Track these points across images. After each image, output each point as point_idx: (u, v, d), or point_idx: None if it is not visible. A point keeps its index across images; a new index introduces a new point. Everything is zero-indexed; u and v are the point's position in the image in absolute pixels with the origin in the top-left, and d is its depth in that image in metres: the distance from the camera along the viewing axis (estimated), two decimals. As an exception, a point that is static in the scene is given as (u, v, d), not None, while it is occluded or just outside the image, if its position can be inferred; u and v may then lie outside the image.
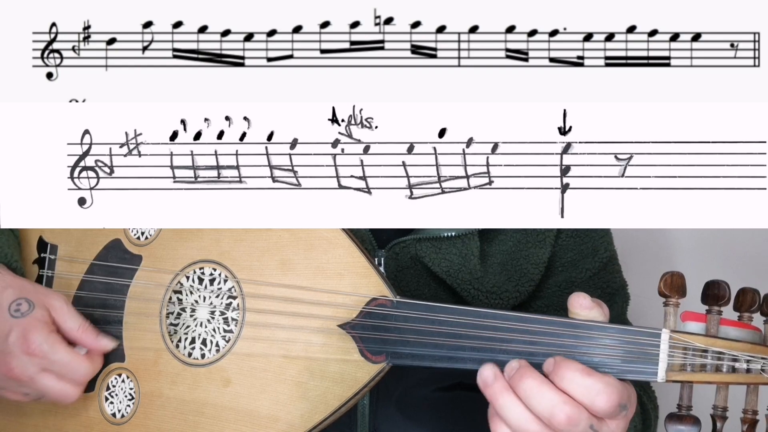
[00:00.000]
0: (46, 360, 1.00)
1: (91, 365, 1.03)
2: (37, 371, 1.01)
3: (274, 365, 0.99)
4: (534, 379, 0.85)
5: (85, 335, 1.04)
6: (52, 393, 1.02)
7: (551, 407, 0.84)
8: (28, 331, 1.00)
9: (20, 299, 1.02)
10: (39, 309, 1.02)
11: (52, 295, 1.04)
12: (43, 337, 1.00)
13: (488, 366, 0.88)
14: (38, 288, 1.06)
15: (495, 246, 1.15)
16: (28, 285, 1.05)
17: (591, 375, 0.85)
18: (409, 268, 1.12)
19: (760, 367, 0.85)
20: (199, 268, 1.05)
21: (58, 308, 1.03)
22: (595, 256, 1.19)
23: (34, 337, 1.00)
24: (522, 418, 0.86)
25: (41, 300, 1.03)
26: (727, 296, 0.87)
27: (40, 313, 1.02)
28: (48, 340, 1.00)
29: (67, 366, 1.01)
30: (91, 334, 1.04)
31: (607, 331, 0.88)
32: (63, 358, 1.01)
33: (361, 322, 0.96)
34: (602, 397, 0.84)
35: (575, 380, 0.85)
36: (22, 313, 1.01)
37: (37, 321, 1.01)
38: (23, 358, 1.00)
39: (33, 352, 1.00)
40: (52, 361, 1.00)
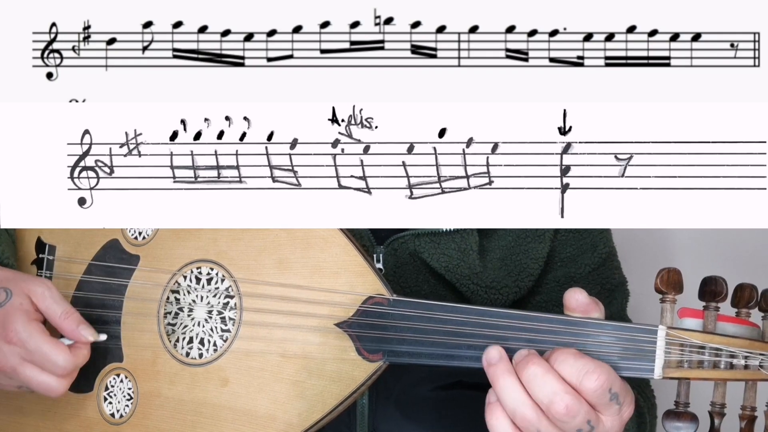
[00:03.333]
0: (24, 349, 0.98)
1: (72, 357, 0.99)
2: (19, 361, 0.99)
3: (272, 364, 0.99)
4: (540, 366, 0.86)
5: (67, 323, 1.01)
6: (34, 385, 0.99)
7: (552, 394, 0.84)
8: (6, 320, 0.99)
9: None
10: (17, 297, 1.00)
11: (34, 282, 1.02)
12: (22, 325, 0.98)
13: (495, 347, 0.89)
14: (20, 275, 1.04)
15: (494, 241, 1.14)
16: (10, 274, 1.04)
17: (583, 357, 0.86)
18: (408, 264, 1.12)
19: (759, 363, 0.85)
20: (196, 268, 1.05)
21: (39, 294, 1.01)
22: (594, 251, 1.19)
23: (12, 326, 0.98)
24: (519, 401, 0.86)
25: (21, 287, 1.01)
26: (724, 292, 0.87)
27: (18, 301, 1.00)
28: (27, 328, 0.98)
29: (45, 355, 0.98)
30: (72, 322, 1.01)
31: (603, 328, 0.88)
32: (41, 347, 0.98)
33: (358, 320, 0.96)
34: (592, 377, 0.84)
35: (567, 361, 0.85)
36: (0, 303, 1.00)
37: (14, 309, 0.99)
38: (4, 348, 0.99)
39: (11, 341, 0.98)
40: (30, 350, 0.98)
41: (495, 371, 0.87)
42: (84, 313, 1.06)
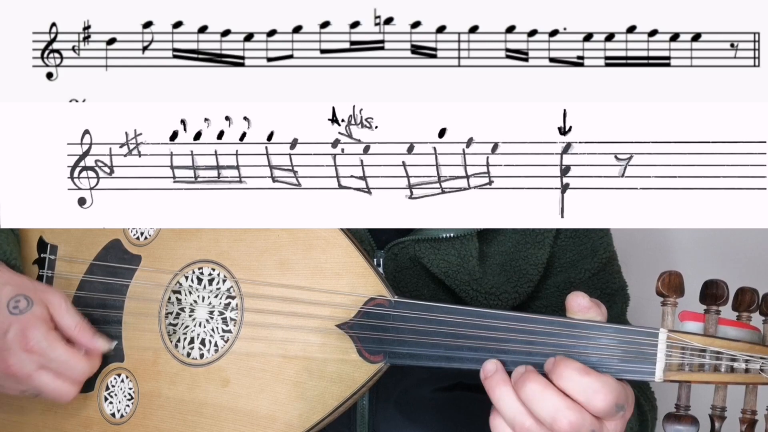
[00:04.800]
0: (44, 357, 1.00)
1: (89, 364, 1.03)
2: (35, 368, 1.00)
3: (273, 365, 0.99)
4: (537, 382, 0.85)
5: (82, 334, 1.03)
6: (49, 390, 1.01)
7: (554, 411, 0.84)
8: (26, 328, 1.00)
9: (19, 296, 1.02)
10: (38, 306, 1.02)
11: (51, 292, 1.04)
12: (42, 334, 1.00)
13: (491, 360, 0.89)
14: (37, 285, 1.05)
15: (494, 247, 1.14)
16: (27, 282, 1.05)
17: (589, 374, 0.85)
18: (408, 269, 1.12)
19: (759, 367, 0.85)
20: (197, 268, 1.05)
21: (56, 305, 1.03)
22: (595, 256, 1.19)
23: (32, 334, 1.00)
24: (517, 411, 0.86)
25: (40, 297, 1.03)
26: (726, 296, 0.87)
27: (38, 310, 1.02)
28: (47, 337, 1.00)
29: (65, 364, 1.01)
30: (87, 333, 1.04)
31: (604, 331, 0.88)
32: (61, 356, 1.00)
33: (359, 321, 0.96)
34: (599, 396, 0.84)
35: (573, 378, 0.84)
36: (21, 310, 1.01)
37: (35, 318, 1.01)
38: (22, 355, 1.00)
39: (31, 349, 1.00)
40: (50, 359, 1.00)
41: (490, 383, 0.87)
42: (85, 312, 1.07)
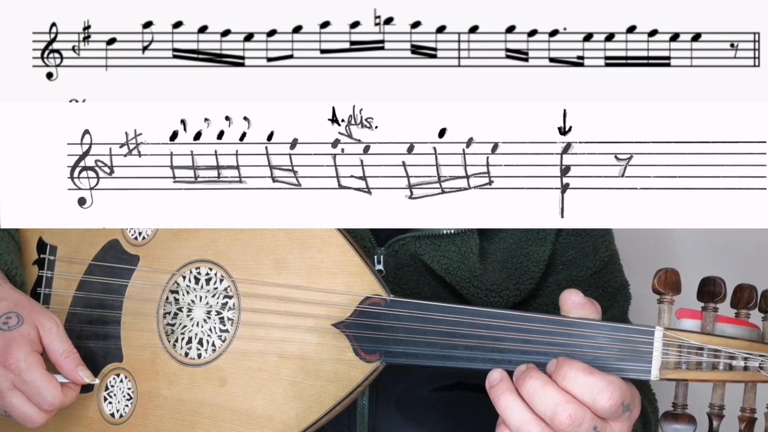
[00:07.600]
0: (19, 378, 0.99)
1: (62, 396, 1.00)
2: (9, 387, 0.99)
3: (270, 365, 0.99)
4: (538, 378, 0.85)
5: (67, 362, 1.02)
6: (17, 413, 1.00)
7: (554, 406, 0.84)
8: (10, 345, 0.99)
9: (11, 313, 1.02)
10: (27, 326, 1.01)
11: (45, 315, 1.03)
12: (23, 354, 0.99)
13: (496, 369, 0.89)
14: (34, 305, 1.05)
15: (495, 244, 1.14)
16: (24, 300, 1.05)
17: (593, 373, 0.84)
18: (408, 266, 1.12)
19: (758, 365, 0.84)
20: (195, 268, 1.05)
21: (48, 329, 1.02)
22: (596, 254, 1.19)
23: (14, 351, 0.99)
24: (523, 419, 0.85)
25: (33, 318, 1.02)
26: (723, 293, 0.86)
27: (27, 330, 1.01)
28: (27, 358, 0.99)
29: (38, 389, 0.99)
30: (72, 362, 1.02)
31: (600, 329, 0.88)
32: (36, 380, 0.98)
33: (355, 321, 0.96)
34: (605, 395, 0.84)
35: (577, 379, 0.84)
36: (9, 327, 1.01)
37: (22, 337, 1.00)
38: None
39: (9, 366, 0.99)
40: (24, 380, 0.99)
41: (496, 391, 0.87)
42: (84, 313, 1.07)
